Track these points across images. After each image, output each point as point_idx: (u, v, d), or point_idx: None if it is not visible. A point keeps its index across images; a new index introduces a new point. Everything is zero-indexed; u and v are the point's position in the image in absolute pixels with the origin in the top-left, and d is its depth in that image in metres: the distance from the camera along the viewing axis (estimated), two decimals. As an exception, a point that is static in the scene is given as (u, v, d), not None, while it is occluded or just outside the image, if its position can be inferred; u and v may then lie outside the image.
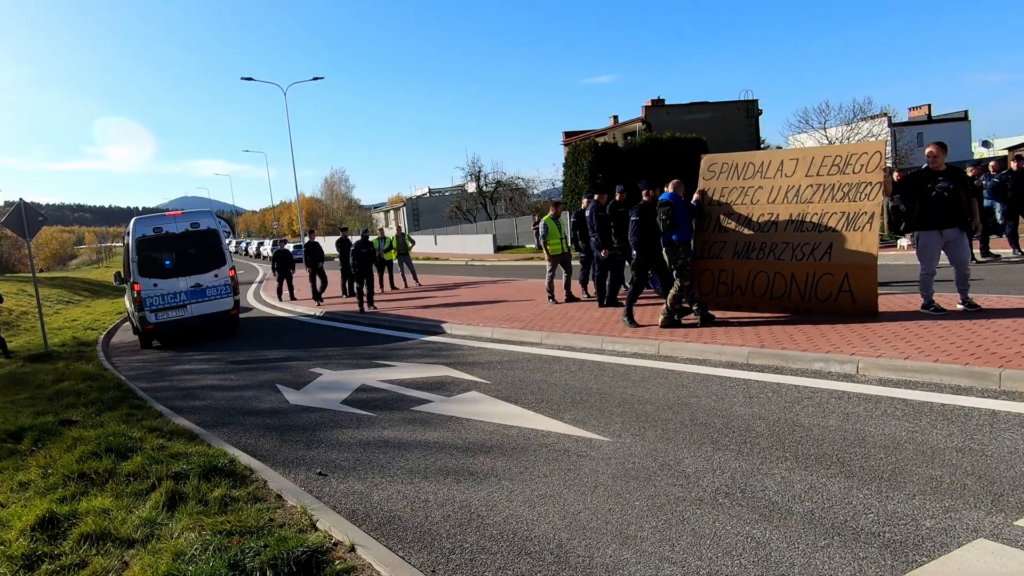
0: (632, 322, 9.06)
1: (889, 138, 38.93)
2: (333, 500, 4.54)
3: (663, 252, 8.81)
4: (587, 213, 11.38)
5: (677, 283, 8.65)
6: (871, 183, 8.14)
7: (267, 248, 51.40)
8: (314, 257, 17.80)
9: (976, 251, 12.57)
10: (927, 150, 8.02)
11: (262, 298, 21.31)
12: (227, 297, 13.39)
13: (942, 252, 7.89)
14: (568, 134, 48.26)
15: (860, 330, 7.32)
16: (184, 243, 13.17)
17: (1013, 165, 13.06)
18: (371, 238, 16.42)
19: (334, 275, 19.67)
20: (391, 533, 3.98)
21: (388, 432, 5.94)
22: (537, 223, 31.96)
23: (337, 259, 18.24)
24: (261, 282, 28.70)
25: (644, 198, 9.13)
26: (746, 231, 9.06)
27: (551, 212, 12.62)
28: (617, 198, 11.24)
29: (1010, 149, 17.01)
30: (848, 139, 38.07)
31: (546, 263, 12.67)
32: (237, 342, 12.72)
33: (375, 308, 14.43)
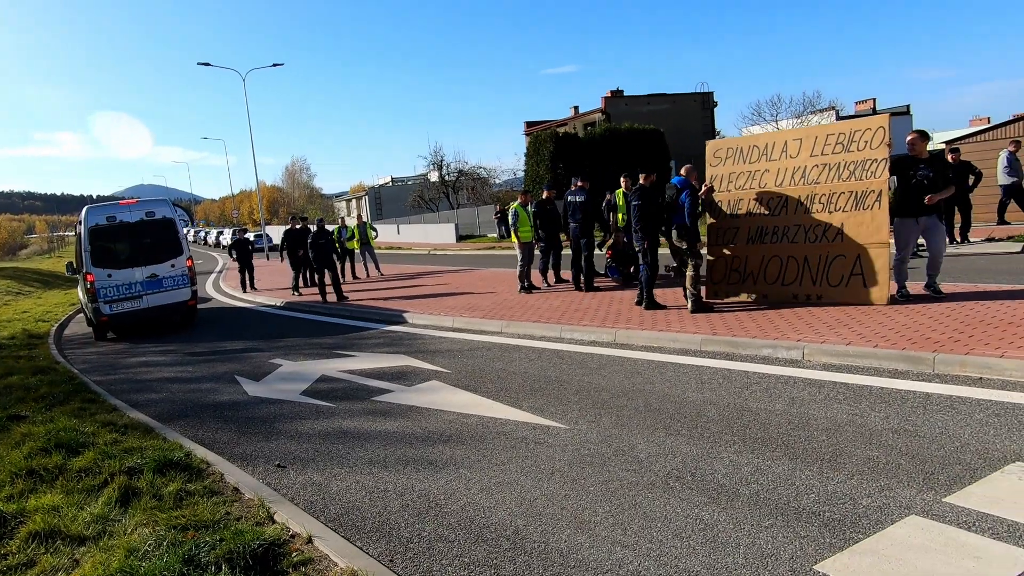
0: (657, 305, 9.05)
1: (837, 130, 39.80)
2: (291, 492, 4.49)
3: (668, 235, 8.92)
4: (578, 200, 11.64)
5: (691, 264, 8.69)
6: (877, 160, 7.81)
7: (227, 237, 50.28)
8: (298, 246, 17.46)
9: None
10: (908, 138, 8.05)
11: (222, 288, 20.85)
12: (184, 287, 13.05)
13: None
14: (530, 124, 48.23)
15: (806, 316, 7.51)
16: (139, 232, 12.75)
17: (950, 158, 13.51)
18: (330, 228, 16.17)
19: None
20: (349, 524, 3.95)
21: (348, 423, 5.88)
22: (499, 212, 31.99)
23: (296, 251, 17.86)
24: (221, 272, 28.07)
25: (643, 183, 9.13)
26: (757, 215, 8.84)
27: (520, 200, 12.62)
28: (544, 195, 12.11)
29: (947, 143, 17.61)
30: (798, 131, 38.82)
31: (516, 252, 12.65)
32: (195, 333, 12.43)
33: (347, 299, 14.07)
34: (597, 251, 12.33)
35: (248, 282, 18.42)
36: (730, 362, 6.50)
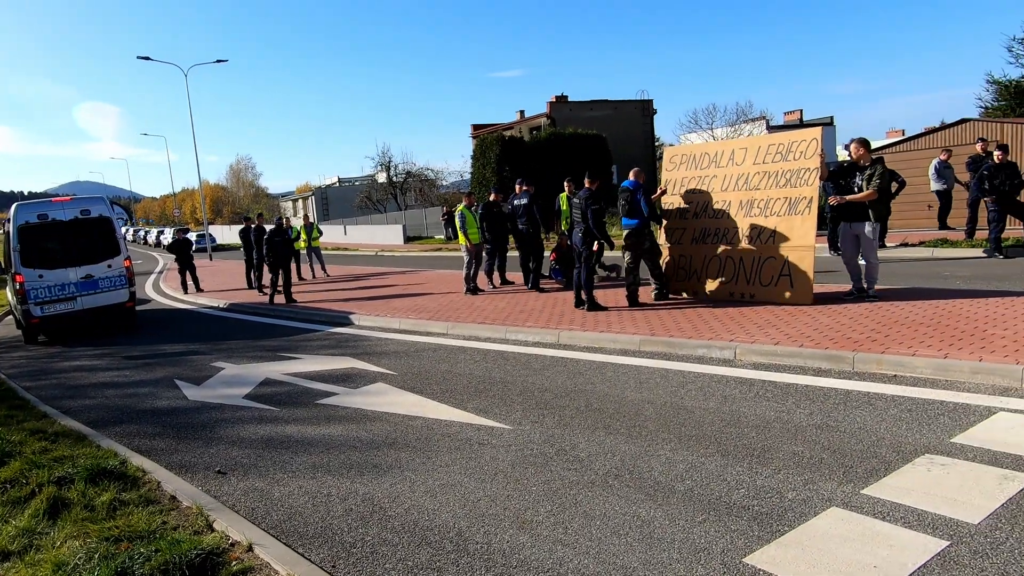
0: (600, 307, 9.13)
1: (768, 139, 41.20)
2: (232, 499, 4.35)
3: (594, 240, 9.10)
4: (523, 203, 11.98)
5: (652, 261, 9.25)
6: (810, 169, 8.27)
7: (168, 237, 48.39)
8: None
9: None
10: (849, 147, 8.37)
11: (162, 289, 20.06)
12: (122, 288, 12.47)
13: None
14: (476, 127, 48.12)
15: (739, 317, 7.74)
16: (73, 231, 12.12)
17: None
18: (295, 226, 15.81)
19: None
20: (292, 530, 3.85)
21: (291, 427, 5.74)
22: (446, 214, 31.78)
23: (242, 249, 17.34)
24: (161, 272, 27.01)
25: (591, 187, 9.24)
26: (703, 218, 9.28)
27: (466, 202, 12.57)
28: (491, 198, 12.36)
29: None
30: (732, 139, 40.04)
31: (463, 254, 12.59)
32: (133, 336, 11.92)
33: (295, 301, 13.60)
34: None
35: (192, 284, 17.72)
36: (667, 362, 6.63)
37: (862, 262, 8.27)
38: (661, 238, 9.84)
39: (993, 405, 4.67)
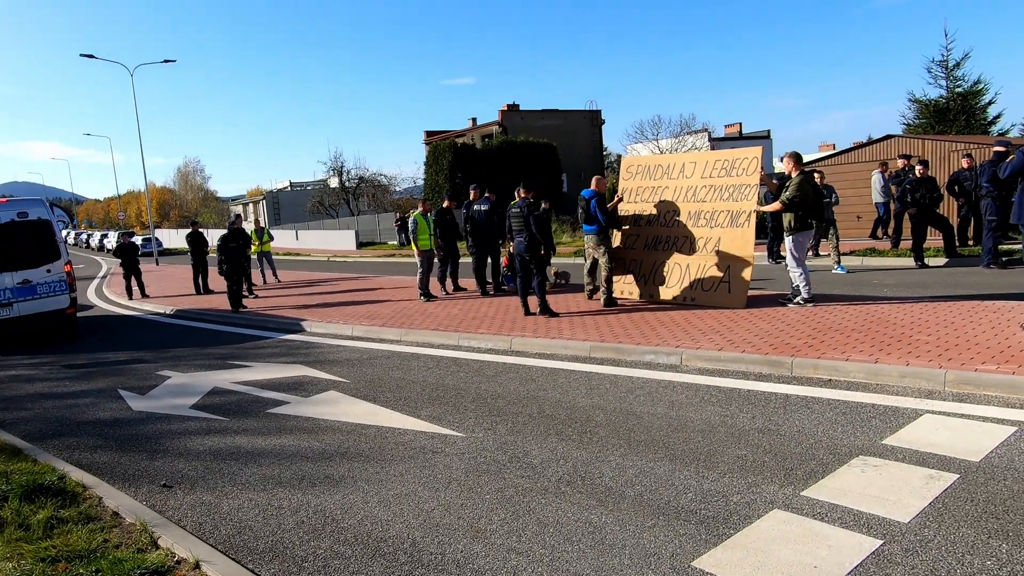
0: (552, 313, 9.15)
1: (708, 151, 42.31)
2: (178, 514, 4.16)
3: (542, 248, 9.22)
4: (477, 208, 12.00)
5: (607, 266, 9.37)
6: (750, 185, 8.66)
7: (111, 240, 46.39)
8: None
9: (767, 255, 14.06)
10: (782, 161, 8.77)
11: (105, 295, 19.19)
12: (62, 294, 11.84)
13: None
14: (429, 133, 47.83)
15: (684, 324, 7.88)
16: (9, 234, 11.44)
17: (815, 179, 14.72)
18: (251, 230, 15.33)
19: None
20: (241, 545, 3.71)
21: (241, 437, 5.54)
22: (399, 220, 31.44)
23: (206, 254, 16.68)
24: (105, 277, 25.84)
25: (527, 196, 9.42)
26: (655, 226, 9.64)
27: (420, 208, 12.43)
28: (444, 204, 12.33)
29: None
30: (676, 151, 40.98)
31: (416, 260, 12.44)
32: (74, 344, 11.34)
33: (244, 308, 13.08)
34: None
35: (137, 289, 16.97)
36: (616, 368, 6.69)
37: (799, 270, 8.54)
38: (617, 242, 10.09)
39: (919, 407, 4.87)
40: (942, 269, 11.75)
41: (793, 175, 8.49)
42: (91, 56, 30.63)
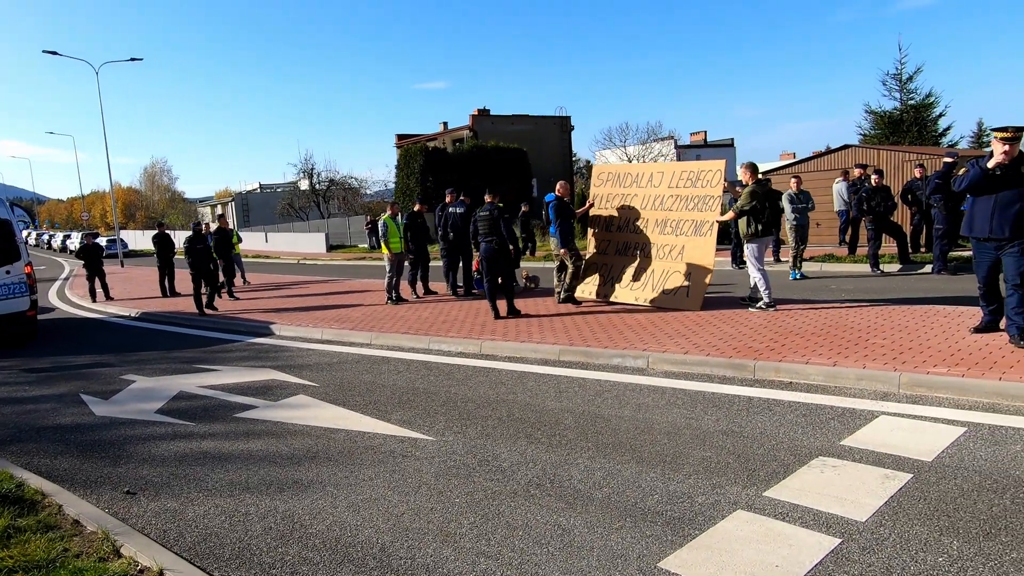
0: (519, 314, 9.48)
1: (675, 158, 42.96)
2: (142, 522, 4.03)
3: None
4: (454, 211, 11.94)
5: (573, 265, 9.81)
6: (714, 196, 8.93)
7: (74, 241, 45.01)
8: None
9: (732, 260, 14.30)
10: (739, 170, 9.10)
11: (68, 297, 18.60)
12: (22, 296, 11.43)
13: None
14: (401, 137, 47.59)
15: (651, 328, 7.95)
16: None
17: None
18: (222, 229, 14.98)
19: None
20: (207, 552, 3.62)
21: (207, 443, 5.41)
22: (370, 223, 31.14)
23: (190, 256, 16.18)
24: (67, 279, 25.07)
25: (493, 200, 9.62)
26: (625, 232, 9.90)
27: (389, 212, 12.32)
28: (415, 208, 12.29)
29: (763, 173, 19.46)
30: (643, 157, 41.45)
31: (385, 263, 12.32)
32: (35, 347, 10.96)
33: (215, 309, 12.83)
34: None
35: (101, 291, 16.49)
36: (585, 371, 6.72)
37: (759, 275, 8.72)
38: (592, 248, 10.37)
39: (875, 409, 4.99)
40: (896, 275, 12.09)
41: (749, 184, 8.69)
42: (54, 53, 29.73)
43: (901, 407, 5.00)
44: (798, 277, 12.17)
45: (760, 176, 8.84)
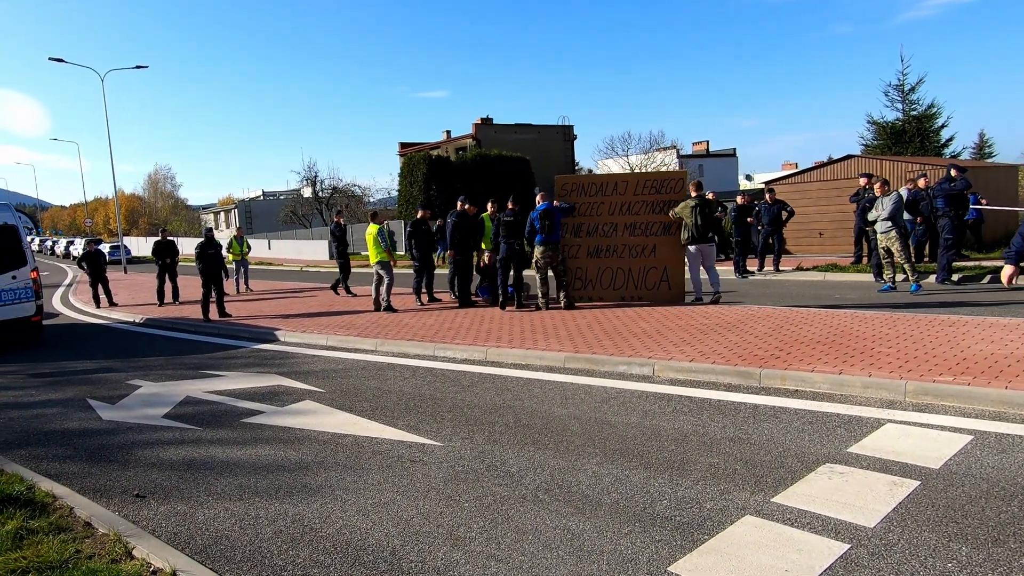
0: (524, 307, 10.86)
1: (677, 168, 43.10)
2: (153, 524, 4.06)
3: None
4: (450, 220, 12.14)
5: (563, 274, 10.80)
6: (677, 201, 10.43)
7: (78, 248, 45.16)
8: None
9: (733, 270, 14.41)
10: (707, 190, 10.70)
11: (71, 303, 18.67)
12: (28, 301, 11.51)
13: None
14: (404, 145, 47.76)
15: (656, 335, 7.98)
16: None
17: (767, 198, 15.14)
18: (222, 237, 15.04)
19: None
20: (218, 554, 3.64)
21: (215, 447, 5.44)
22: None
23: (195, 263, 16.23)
24: (71, 285, 25.15)
25: (464, 208, 11.12)
26: (595, 236, 10.84)
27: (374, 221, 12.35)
28: (419, 215, 12.63)
29: (766, 183, 19.64)
30: (646, 166, 41.59)
31: (380, 271, 12.30)
32: (40, 352, 11.01)
33: (229, 315, 12.82)
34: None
35: (104, 297, 16.53)
36: (591, 378, 6.75)
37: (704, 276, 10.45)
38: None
39: (882, 417, 5.02)
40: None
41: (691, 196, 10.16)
42: (61, 60, 29.96)
43: (907, 415, 5.02)
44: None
45: (700, 192, 10.29)
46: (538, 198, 10.53)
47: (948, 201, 11.58)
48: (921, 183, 13.34)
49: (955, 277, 11.68)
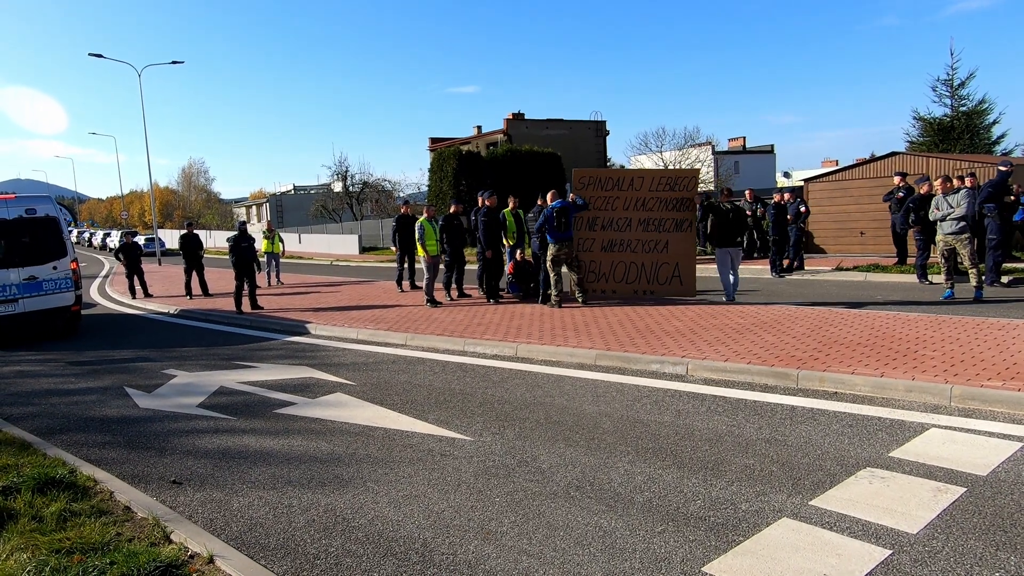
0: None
1: (712, 164, 42.52)
2: (189, 510, 4.19)
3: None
4: (480, 215, 12.07)
5: (577, 269, 10.89)
6: (690, 199, 10.87)
7: (114, 240, 46.49)
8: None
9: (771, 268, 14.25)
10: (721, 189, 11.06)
11: (108, 294, 19.23)
12: (67, 291, 11.91)
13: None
14: (434, 140, 48.05)
15: (689, 334, 7.92)
16: (17, 230, 11.51)
17: (775, 198, 15.13)
18: (256, 231, 15.32)
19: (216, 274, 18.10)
20: (253, 541, 3.74)
21: (249, 437, 5.57)
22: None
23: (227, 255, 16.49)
24: (107, 276, 25.90)
25: (455, 210, 11.45)
26: (609, 230, 11.10)
27: (425, 215, 12.44)
28: (451, 210, 12.44)
29: (805, 180, 19.27)
30: (680, 163, 41.16)
31: (422, 265, 12.44)
32: (79, 341, 11.38)
33: (261, 308, 13.08)
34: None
35: (140, 288, 17.00)
36: (622, 376, 6.73)
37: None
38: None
39: (926, 421, 4.91)
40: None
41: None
42: (100, 56, 30.84)
43: (953, 420, 4.90)
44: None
45: (731, 198, 10.87)
46: (549, 196, 10.69)
47: (991, 199, 11.22)
48: (968, 182, 12.95)
49: (1005, 279, 11.33)
